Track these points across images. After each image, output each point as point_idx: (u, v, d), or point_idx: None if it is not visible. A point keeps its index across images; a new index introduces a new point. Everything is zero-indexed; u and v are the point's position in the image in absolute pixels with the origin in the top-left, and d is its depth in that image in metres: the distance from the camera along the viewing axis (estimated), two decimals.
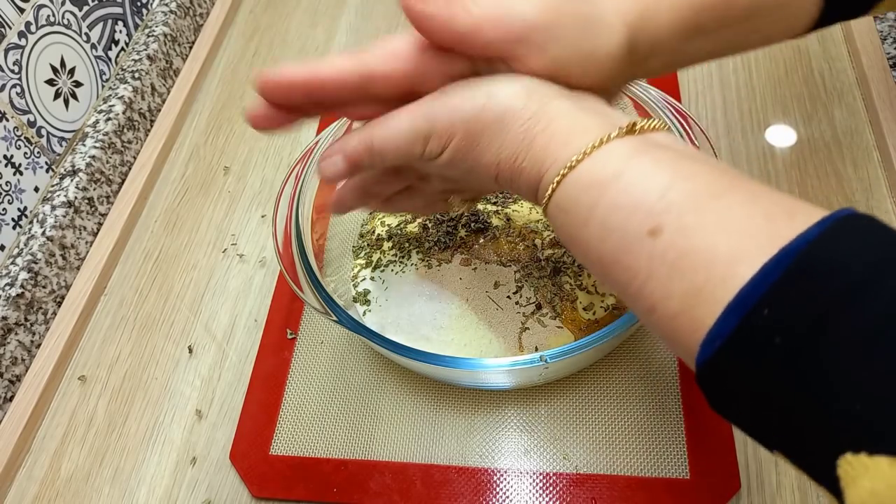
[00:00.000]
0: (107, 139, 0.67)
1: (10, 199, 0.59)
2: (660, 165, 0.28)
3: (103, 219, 0.66)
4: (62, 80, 0.65)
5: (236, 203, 0.67)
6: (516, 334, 0.50)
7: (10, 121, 0.59)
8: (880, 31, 0.66)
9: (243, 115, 0.35)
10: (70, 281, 0.62)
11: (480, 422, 0.50)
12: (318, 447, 0.50)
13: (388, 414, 0.51)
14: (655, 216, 0.26)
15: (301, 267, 0.48)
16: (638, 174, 0.28)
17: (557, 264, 0.51)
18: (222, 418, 0.54)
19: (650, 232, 0.26)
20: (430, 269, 0.53)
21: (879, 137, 0.60)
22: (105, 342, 0.59)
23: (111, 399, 0.56)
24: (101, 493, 0.51)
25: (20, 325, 0.57)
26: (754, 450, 0.47)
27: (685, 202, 0.26)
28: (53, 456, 0.53)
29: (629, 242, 0.27)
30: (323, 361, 0.54)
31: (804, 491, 0.45)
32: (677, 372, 0.50)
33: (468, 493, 0.47)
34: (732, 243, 0.24)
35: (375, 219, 0.59)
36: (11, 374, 0.56)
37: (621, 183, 0.28)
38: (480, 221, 0.54)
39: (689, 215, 0.26)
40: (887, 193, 0.57)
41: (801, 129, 0.63)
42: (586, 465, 0.47)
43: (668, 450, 0.47)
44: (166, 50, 0.76)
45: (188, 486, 0.51)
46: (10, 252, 0.59)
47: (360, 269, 0.56)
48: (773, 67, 0.67)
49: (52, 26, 0.64)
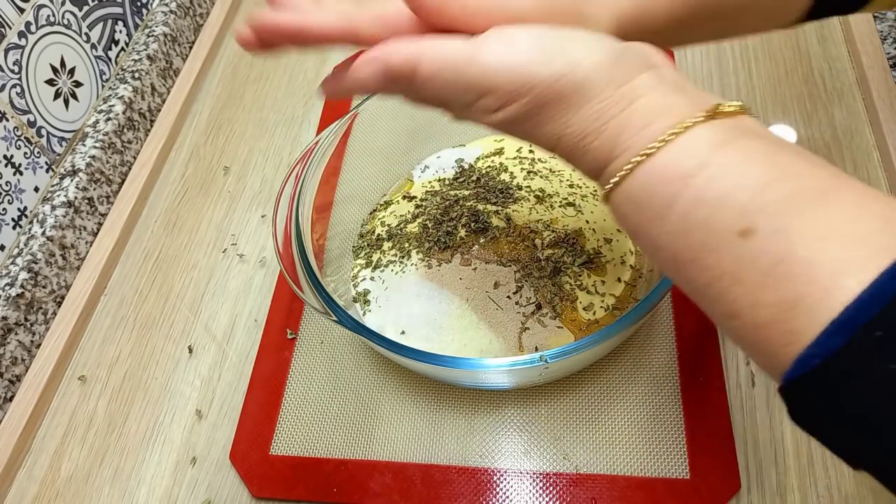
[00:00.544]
0: (107, 139, 0.67)
1: (10, 199, 0.59)
2: (752, 158, 0.25)
3: (103, 219, 0.66)
4: (62, 80, 0.65)
5: (236, 203, 0.67)
6: (516, 334, 0.50)
7: (10, 121, 0.59)
8: (880, 31, 0.66)
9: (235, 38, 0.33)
10: (70, 281, 0.62)
11: (480, 422, 0.50)
12: (318, 447, 0.50)
13: (388, 414, 0.51)
14: (749, 216, 0.24)
15: (301, 267, 0.48)
16: (727, 167, 0.25)
17: (557, 264, 0.51)
18: (222, 418, 0.54)
19: (741, 232, 0.24)
20: (430, 269, 0.53)
21: (879, 137, 0.60)
22: (105, 342, 0.59)
23: (111, 399, 0.56)
24: (101, 493, 0.51)
25: (20, 325, 0.57)
26: (754, 450, 0.47)
27: (784, 202, 0.24)
28: (53, 456, 0.53)
29: (714, 242, 0.25)
30: (323, 361, 0.54)
31: (804, 491, 0.45)
32: (677, 372, 0.50)
33: (468, 493, 0.47)
34: (839, 252, 0.22)
35: (375, 219, 0.59)
36: (11, 374, 0.56)
37: (708, 175, 0.25)
38: (480, 221, 0.54)
39: (788, 217, 0.23)
40: (887, 193, 0.57)
41: (801, 129, 0.63)
42: (586, 465, 0.47)
43: (668, 450, 0.47)
44: (166, 50, 0.76)
45: (188, 486, 0.51)
46: (10, 252, 0.59)
47: (360, 269, 0.56)
48: (773, 67, 0.67)
49: (52, 26, 0.64)
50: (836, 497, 0.45)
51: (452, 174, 0.61)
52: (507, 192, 0.57)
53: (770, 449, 0.47)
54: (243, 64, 0.79)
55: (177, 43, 0.78)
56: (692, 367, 0.50)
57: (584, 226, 0.54)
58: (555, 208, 0.55)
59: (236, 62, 0.79)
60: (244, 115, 0.74)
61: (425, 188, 0.60)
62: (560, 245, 0.53)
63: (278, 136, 0.71)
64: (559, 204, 0.56)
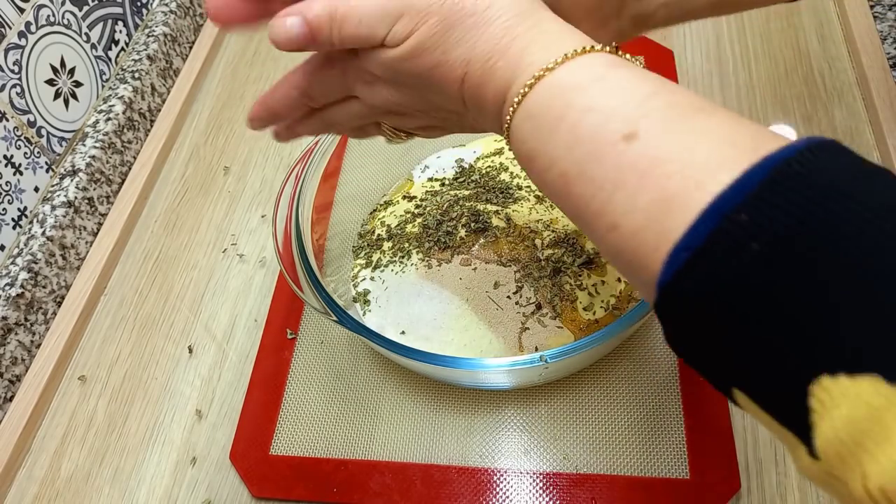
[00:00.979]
0: (107, 139, 0.67)
1: (10, 199, 0.59)
2: (643, 76, 0.26)
3: (103, 219, 0.66)
4: (62, 80, 0.65)
5: (236, 203, 0.67)
6: (516, 334, 0.50)
7: (10, 121, 0.59)
8: (880, 31, 0.66)
9: (206, 12, 0.33)
10: (70, 281, 0.62)
11: (480, 422, 0.50)
12: (318, 447, 0.50)
13: (388, 414, 0.51)
14: (633, 122, 0.25)
15: (301, 267, 0.48)
16: (618, 80, 0.26)
17: (557, 264, 0.51)
18: (222, 418, 0.54)
19: (625, 137, 0.24)
20: (430, 269, 0.53)
21: (879, 137, 0.60)
22: (105, 342, 0.59)
23: (111, 399, 0.56)
24: (101, 493, 0.51)
25: (20, 325, 0.57)
26: (754, 450, 0.47)
27: (667, 110, 0.25)
28: (53, 456, 0.53)
29: (599, 149, 0.25)
30: (323, 361, 0.54)
31: (804, 491, 0.45)
32: (677, 372, 0.50)
33: (468, 493, 0.47)
34: (713, 150, 0.23)
35: (375, 219, 0.59)
36: (11, 374, 0.56)
37: (600, 87, 0.26)
38: (480, 221, 0.54)
39: (669, 122, 0.24)
40: None
41: (801, 129, 0.63)
42: (586, 465, 0.47)
43: (668, 450, 0.47)
44: (166, 50, 0.76)
45: (188, 486, 0.51)
46: (10, 252, 0.59)
47: (360, 269, 0.56)
48: (773, 67, 0.67)
49: (52, 26, 0.64)
50: None
51: (452, 174, 0.61)
52: (507, 192, 0.57)
53: (770, 449, 0.47)
54: (243, 64, 0.79)
55: (177, 43, 0.78)
56: (692, 368, 0.50)
57: None
58: (555, 208, 0.55)
59: (236, 62, 0.79)
60: (244, 115, 0.74)
61: (425, 188, 0.60)
62: (560, 245, 0.53)
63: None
64: None
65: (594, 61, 0.27)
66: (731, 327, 0.22)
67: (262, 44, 0.80)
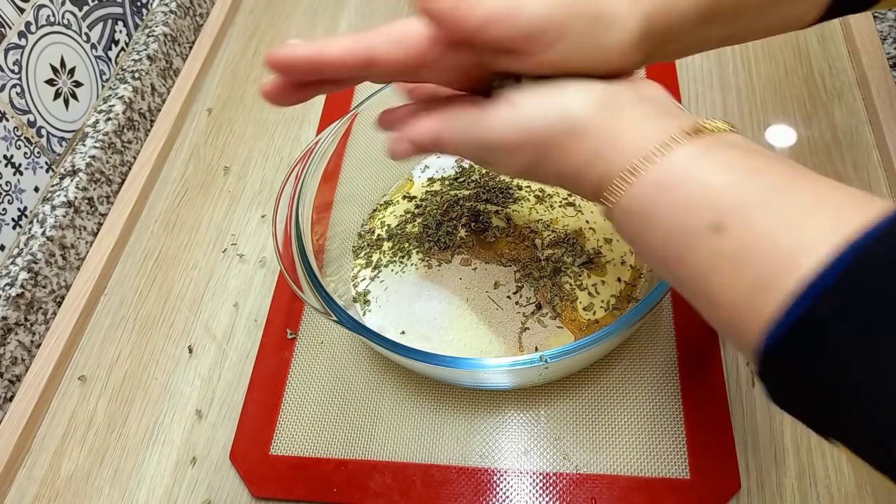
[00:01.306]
0: (107, 139, 0.67)
1: (10, 199, 0.59)
2: (723, 163, 0.29)
3: (103, 219, 0.66)
4: (62, 80, 0.65)
5: (236, 203, 0.67)
6: (516, 334, 0.50)
7: (10, 121, 0.59)
8: (880, 31, 0.66)
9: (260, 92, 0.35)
10: (70, 281, 0.62)
11: (480, 422, 0.50)
12: (318, 447, 0.50)
13: (388, 414, 0.51)
14: (718, 213, 0.27)
15: (301, 267, 0.48)
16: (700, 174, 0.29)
17: (557, 264, 0.51)
18: (222, 418, 0.54)
19: (713, 228, 0.27)
20: (430, 269, 0.53)
21: (879, 137, 0.60)
22: (105, 342, 0.59)
23: (111, 399, 0.56)
24: (101, 493, 0.51)
25: (20, 325, 0.57)
26: (754, 450, 0.47)
27: (748, 197, 0.27)
28: (53, 456, 0.53)
29: (691, 241, 0.28)
30: (323, 361, 0.54)
31: (804, 491, 0.45)
32: (677, 372, 0.50)
33: (468, 493, 0.47)
34: (796, 235, 0.25)
35: (375, 219, 0.59)
36: (11, 374, 0.56)
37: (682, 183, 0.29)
38: (480, 221, 0.54)
39: (751, 210, 0.26)
40: (887, 193, 0.57)
41: (801, 129, 0.63)
42: (586, 465, 0.47)
43: (668, 450, 0.47)
44: (166, 50, 0.76)
45: (188, 486, 0.51)
46: (10, 252, 0.59)
47: (360, 269, 0.56)
48: (773, 67, 0.67)
49: (52, 26, 0.64)
50: (836, 497, 0.45)
51: (452, 174, 0.61)
52: (507, 192, 0.57)
53: (770, 449, 0.47)
54: (243, 64, 0.79)
55: (177, 43, 0.78)
56: (692, 367, 0.50)
57: (583, 226, 0.54)
58: (555, 208, 0.55)
59: (236, 62, 0.79)
60: (244, 115, 0.74)
61: (425, 188, 0.60)
62: (560, 245, 0.53)
63: (278, 136, 0.71)
64: (559, 204, 0.56)
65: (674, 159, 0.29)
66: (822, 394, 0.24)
67: (262, 44, 0.80)
